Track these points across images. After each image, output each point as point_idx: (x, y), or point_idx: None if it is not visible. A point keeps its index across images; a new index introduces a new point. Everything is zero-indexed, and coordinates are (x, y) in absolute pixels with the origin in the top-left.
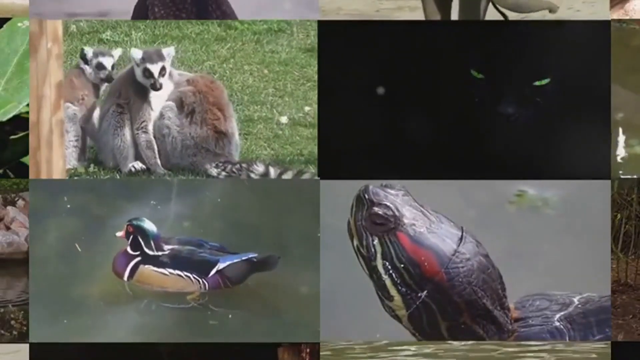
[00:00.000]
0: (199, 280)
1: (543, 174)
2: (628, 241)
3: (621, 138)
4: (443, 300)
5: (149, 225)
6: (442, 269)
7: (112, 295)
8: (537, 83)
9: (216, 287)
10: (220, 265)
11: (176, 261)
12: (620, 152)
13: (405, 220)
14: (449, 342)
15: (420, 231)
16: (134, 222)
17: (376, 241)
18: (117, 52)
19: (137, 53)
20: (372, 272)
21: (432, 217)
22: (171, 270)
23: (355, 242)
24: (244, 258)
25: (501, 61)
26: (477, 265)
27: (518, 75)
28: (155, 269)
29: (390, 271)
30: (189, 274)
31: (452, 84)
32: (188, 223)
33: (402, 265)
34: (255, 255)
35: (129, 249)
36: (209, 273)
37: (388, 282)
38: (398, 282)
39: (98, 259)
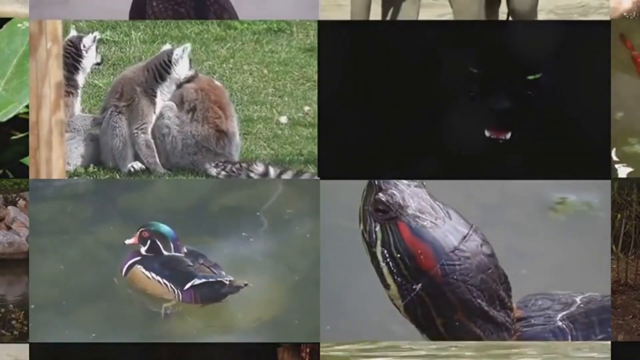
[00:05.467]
0: (174, 291)
1: (543, 174)
2: (628, 241)
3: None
4: (437, 296)
5: (165, 228)
6: (437, 264)
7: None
8: (530, 77)
9: (189, 301)
10: (196, 281)
11: (162, 267)
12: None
13: (409, 211)
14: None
15: (423, 224)
16: (150, 228)
17: (378, 228)
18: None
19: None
20: (373, 258)
21: (441, 213)
22: (154, 275)
23: (361, 227)
24: (218, 279)
25: (497, 57)
26: (476, 265)
27: (512, 71)
28: (143, 270)
29: (388, 259)
30: (167, 282)
31: (451, 82)
32: (271, 257)
33: (398, 255)
34: (231, 278)
35: (143, 251)
36: (184, 286)
37: (385, 270)
38: (394, 271)
39: None
